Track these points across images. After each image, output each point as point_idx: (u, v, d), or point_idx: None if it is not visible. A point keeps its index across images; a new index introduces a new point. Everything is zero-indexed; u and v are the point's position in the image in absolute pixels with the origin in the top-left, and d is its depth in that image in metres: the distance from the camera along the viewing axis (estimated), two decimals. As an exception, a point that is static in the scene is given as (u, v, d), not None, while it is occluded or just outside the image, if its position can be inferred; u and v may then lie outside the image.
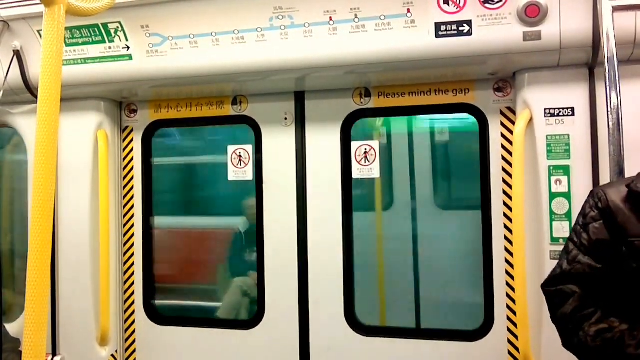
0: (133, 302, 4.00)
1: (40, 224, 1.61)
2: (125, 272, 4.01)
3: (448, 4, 2.95)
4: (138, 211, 4.01)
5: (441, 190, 4.75)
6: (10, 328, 3.70)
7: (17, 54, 3.53)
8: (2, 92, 3.46)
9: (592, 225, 2.22)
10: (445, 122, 4.47)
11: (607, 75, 2.59)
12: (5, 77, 3.49)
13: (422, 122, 4.48)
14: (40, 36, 3.39)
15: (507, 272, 3.33)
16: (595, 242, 2.21)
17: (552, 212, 3.05)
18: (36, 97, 3.54)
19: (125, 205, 4.02)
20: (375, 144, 3.63)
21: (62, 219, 3.74)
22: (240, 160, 3.83)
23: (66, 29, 1.68)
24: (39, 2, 3.13)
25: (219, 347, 3.83)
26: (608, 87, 2.58)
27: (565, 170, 3.03)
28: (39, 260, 1.61)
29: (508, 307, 3.33)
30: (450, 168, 4.85)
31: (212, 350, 3.84)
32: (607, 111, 2.59)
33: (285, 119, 3.72)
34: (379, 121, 4.20)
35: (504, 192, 3.35)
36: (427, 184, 4.69)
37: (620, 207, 2.15)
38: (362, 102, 3.64)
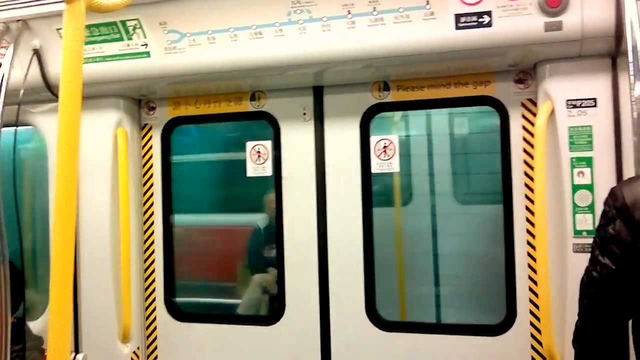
0: (154, 299, 4.02)
1: (63, 222, 1.61)
2: (146, 269, 4.03)
3: (468, -5, 2.93)
4: (158, 208, 4.02)
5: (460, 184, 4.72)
6: (33, 326, 3.73)
7: (37, 52, 3.54)
8: (22, 91, 3.47)
9: (611, 225, 2.18)
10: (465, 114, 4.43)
11: (631, 65, 2.55)
12: (25, 76, 3.51)
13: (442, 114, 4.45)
14: (60, 35, 3.44)
15: (530, 266, 3.30)
16: (613, 242, 2.17)
17: (575, 205, 3.01)
18: (56, 95, 3.60)
19: (145, 203, 4.04)
20: (394, 138, 3.61)
21: (83, 217, 3.75)
22: (259, 156, 3.82)
23: (85, 27, 1.67)
24: (58, 0, 3.16)
25: (240, 343, 3.84)
26: (632, 77, 2.54)
27: (588, 162, 2.99)
28: (63, 259, 1.60)
29: (531, 301, 3.30)
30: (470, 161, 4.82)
31: (233, 346, 3.85)
32: (631, 101, 2.55)
33: (304, 114, 3.71)
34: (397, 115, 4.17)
35: (526, 185, 3.31)
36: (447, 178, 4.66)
37: (635, 203, 2.11)
38: (380, 96, 3.62)
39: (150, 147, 4.04)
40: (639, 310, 2.17)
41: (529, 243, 3.31)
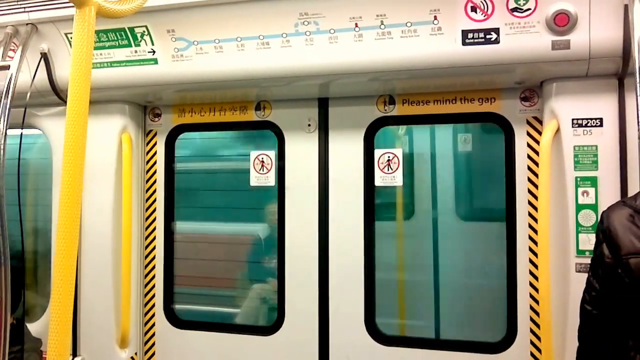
0: (153, 305, 4.01)
1: (67, 227, 1.61)
2: (146, 275, 4.03)
3: (475, 12, 2.93)
4: (160, 215, 4.02)
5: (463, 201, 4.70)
6: (32, 328, 3.72)
7: (45, 56, 3.56)
8: (29, 95, 3.49)
9: (598, 248, 2.24)
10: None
11: (638, 85, 2.55)
12: (33, 80, 3.52)
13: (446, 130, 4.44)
14: (68, 39, 3.46)
15: (531, 285, 3.29)
16: (599, 264, 2.22)
17: (578, 224, 3.00)
18: (62, 99, 3.61)
19: (147, 209, 4.04)
20: (398, 151, 3.61)
21: (85, 221, 3.75)
22: (262, 166, 3.83)
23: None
24: (68, 4, 3.18)
25: (238, 353, 3.82)
26: (638, 98, 2.54)
27: (593, 181, 2.99)
28: (65, 262, 1.60)
29: (532, 319, 3.29)
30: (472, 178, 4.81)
31: (231, 355, 3.84)
32: (637, 122, 2.54)
33: (309, 125, 3.72)
34: (401, 129, 4.16)
35: (529, 203, 3.31)
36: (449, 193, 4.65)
37: (617, 226, 2.16)
38: (386, 110, 3.62)
39: (154, 153, 4.04)
40: (630, 331, 2.18)
41: (531, 261, 3.30)
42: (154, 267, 4.01)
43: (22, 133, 3.42)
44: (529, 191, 3.31)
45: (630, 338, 2.17)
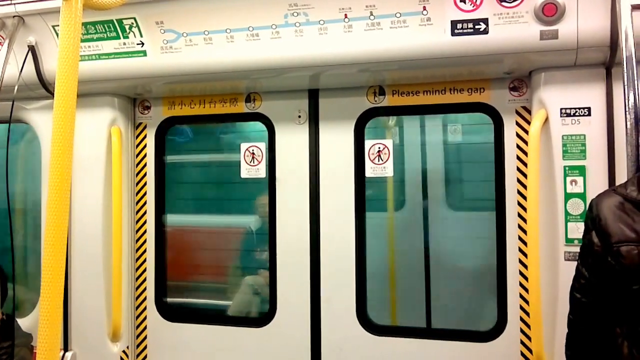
0: (145, 299, 4.00)
1: (55, 220, 1.60)
2: (137, 269, 4.02)
3: (464, 2, 2.93)
4: (150, 208, 4.01)
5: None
6: (22, 323, 3.71)
7: (32, 49, 3.53)
8: (16, 88, 3.46)
9: (587, 236, 2.25)
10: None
11: (625, 75, 2.56)
12: (20, 73, 3.50)
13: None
14: (55, 31, 3.43)
15: (521, 273, 3.31)
16: (588, 252, 2.23)
17: (567, 213, 3.02)
18: (50, 92, 3.59)
19: (138, 202, 4.02)
20: (389, 142, 3.61)
21: (75, 215, 3.74)
22: (253, 157, 3.82)
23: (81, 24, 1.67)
24: (55, -4, 3.14)
25: (230, 345, 3.83)
26: (626, 87, 2.55)
27: (581, 170, 3.00)
28: (54, 256, 1.60)
29: (521, 308, 3.31)
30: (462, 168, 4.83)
31: (223, 347, 3.84)
32: (625, 111, 2.55)
33: (299, 116, 3.72)
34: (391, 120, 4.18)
35: (519, 192, 3.32)
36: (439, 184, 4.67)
37: (606, 214, 2.16)
38: (376, 101, 3.62)
39: (144, 146, 4.03)
40: (618, 319, 2.20)
41: (520, 250, 3.32)
42: (145, 261, 4.00)
43: (9, 127, 3.39)
44: (519, 180, 3.33)
45: (618, 325, 2.19)
